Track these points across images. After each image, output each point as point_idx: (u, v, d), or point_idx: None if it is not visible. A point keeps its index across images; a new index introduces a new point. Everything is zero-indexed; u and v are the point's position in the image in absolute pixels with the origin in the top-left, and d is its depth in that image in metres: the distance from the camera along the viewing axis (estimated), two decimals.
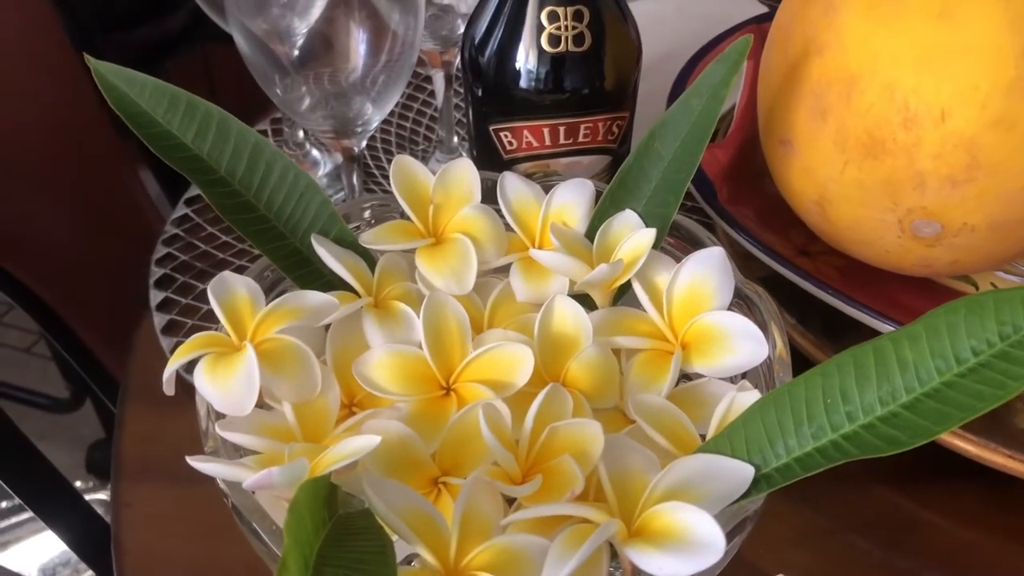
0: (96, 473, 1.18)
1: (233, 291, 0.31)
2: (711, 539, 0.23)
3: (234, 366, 0.28)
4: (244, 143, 0.33)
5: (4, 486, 0.80)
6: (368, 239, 0.34)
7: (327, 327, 0.32)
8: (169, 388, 0.30)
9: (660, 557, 0.23)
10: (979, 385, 0.23)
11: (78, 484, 1.20)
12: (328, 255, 0.32)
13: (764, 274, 0.44)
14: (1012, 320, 0.24)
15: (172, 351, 0.45)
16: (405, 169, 0.35)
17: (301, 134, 0.55)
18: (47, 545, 1.11)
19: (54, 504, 0.82)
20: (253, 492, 0.27)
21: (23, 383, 1.30)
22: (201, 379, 0.28)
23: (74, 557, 1.10)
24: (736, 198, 0.44)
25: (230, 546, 0.37)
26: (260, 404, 0.31)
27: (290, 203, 0.33)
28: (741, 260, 0.45)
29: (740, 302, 0.33)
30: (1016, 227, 0.34)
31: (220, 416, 0.29)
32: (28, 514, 1.12)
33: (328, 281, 0.34)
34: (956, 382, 0.24)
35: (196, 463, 0.26)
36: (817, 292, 0.40)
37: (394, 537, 0.27)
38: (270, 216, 0.33)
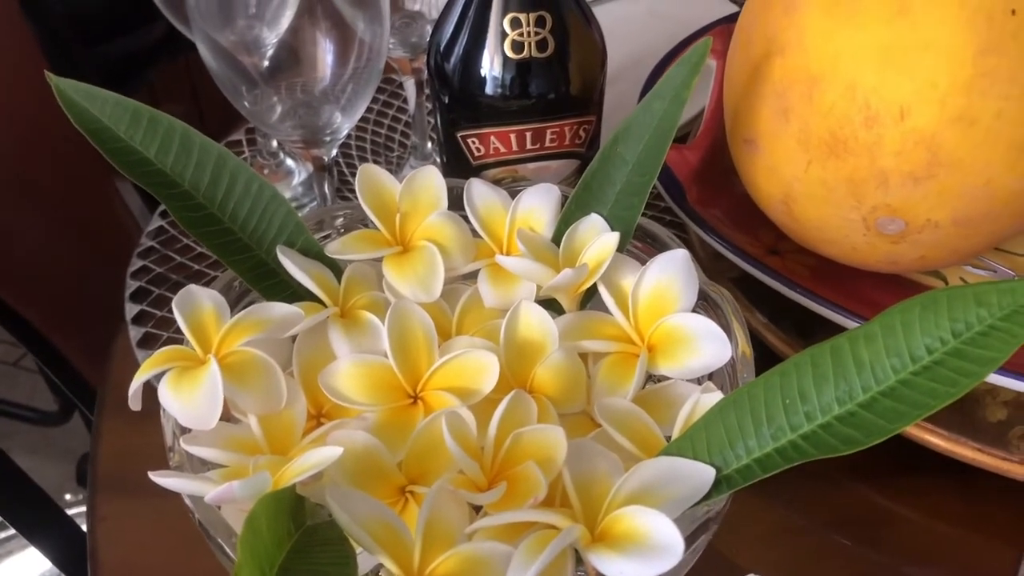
0: (87, 485, 1.17)
1: (198, 304, 0.31)
2: (670, 542, 0.23)
3: (198, 380, 0.28)
4: (207, 156, 0.33)
5: None
6: (334, 249, 0.34)
7: (294, 338, 0.32)
8: (135, 403, 0.30)
9: (621, 561, 0.23)
10: (933, 383, 0.24)
11: (68, 497, 1.20)
12: (293, 266, 0.32)
13: (735, 274, 0.44)
14: (964, 317, 0.24)
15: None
16: (371, 178, 0.35)
17: (275, 143, 0.55)
18: (36, 562, 1.10)
19: (36, 521, 0.82)
20: (218, 507, 0.27)
21: (12, 397, 1.29)
22: (165, 394, 0.28)
23: None
24: (706, 199, 0.44)
25: (206, 559, 0.37)
26: (227, 417, 0.31)
27: (255, 215, 0.34)
28: (712, 261, 0.45)
29: (704, 303, 0.33)
30: (980, 222, 0.35)
31: (186, 430, 0.29)
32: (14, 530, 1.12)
33: (295, 292, 0.34)
34: (911, 380, 0.24)
35: (159, 478, 0.26)
36: (786, 291, 0.40)
37: (360, 549, 0.27)
38: (235, 228, 0.33)
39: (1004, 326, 0.23)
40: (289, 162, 0.56)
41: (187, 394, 0.28)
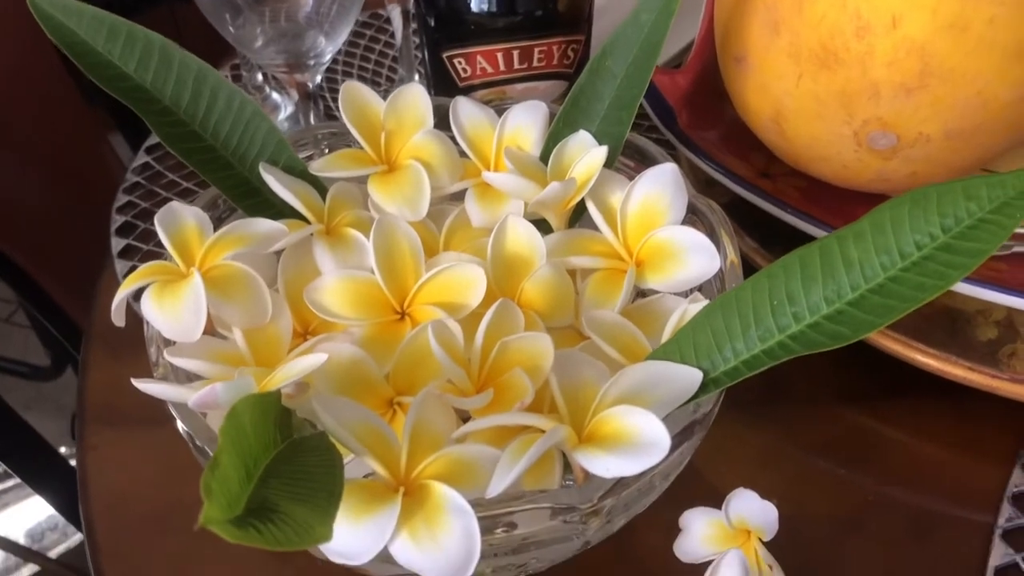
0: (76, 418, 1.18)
1: (181, 220, 0.30)
2: (656, 438, 0.23)
3: (181, 292, 0.28)
4: (187, 71, 0.32)
5: None
6: (318, 167, 0.34)
7: (279, 258, 0.32)
8: (118, 318, 0.29)
9: (607, 459, 0.23)
10: (922, 277, 0.23)
11: (63, 450, 1.20)
12: (277, 183, 0.32)
13: (726, 200, 0.43)
14: (954, 212, 0.24)
15: (134, 297, 0.45)
16: (355, 96, 0.35)
17: (260, 77, 0.55)
18: (34, 511, 1.11)
19: (40, 469, 0.82)
20: (204, 415, 0.27)
21: (5, 353, 1.29)
22: (148, 306, 0.28)
23: (61, 521, 1.11)
24: (697, 123, 0.44)
25: (194, 485, 0.37)
26: (213, 334, 0.31)
27: (237, 131, 0.33)
28: (703, 186, 0.44)
29: (693, 217, 0.32)
30: (972, 135, 0.34)
31: (170, 345, 0.29)
32: (13, 481, 1.13)
33: (279, 211, 0.33)
34: (900, 276, 0.24)
35: (141, 384, 0.26)
36: (778, 212, 0.39)
37: (350, 459, 0.27)
38: (216, 146, 0.33)
39: (993, 219, 0.23)
40: (275, 96, 0.55)
41: (170, 306, 0.28)
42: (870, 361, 0.40)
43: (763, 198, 0.40)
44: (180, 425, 0.27)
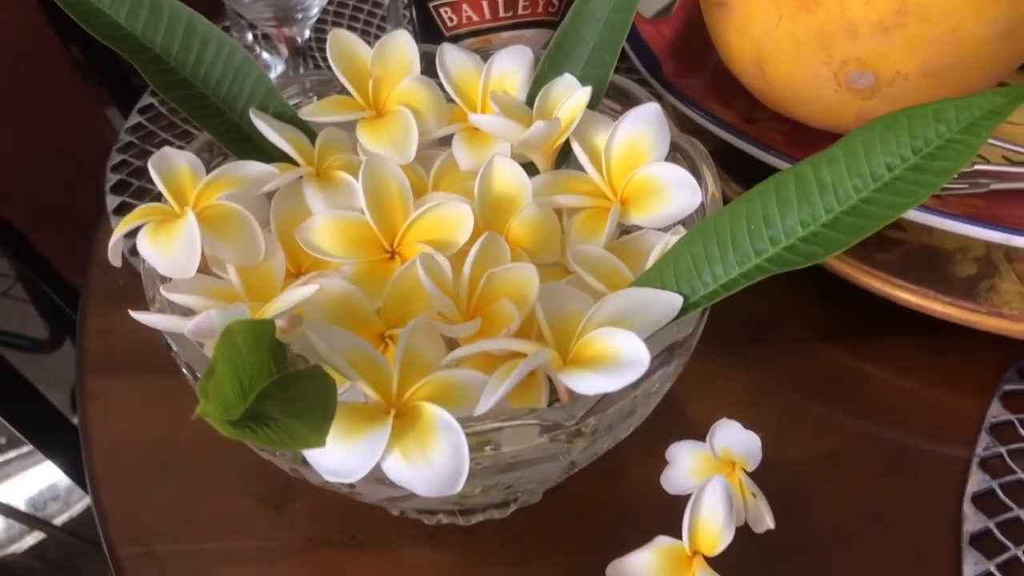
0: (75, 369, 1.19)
1: (174, 164, 0.31)
2: (637, 356, 0.24)
3: (176, 230, 0.29)
4: (177, 19, 0.33)
5: (3, 422, 0.82)
6: (308, 112, 0.34)
7: (271, 201, 0.32)
8: (115, 258, 0.30)
9: (590, 377, 0.24)
10: (892, 197, 0.24)
11: None
12: (267, 127, 0.33)
13: (711, 147, 0.44)
14: (924, 133, 0.24)
15: (130, 250, 0.45)
16: (342, 43, 0.35)
17: (250, 37, 0.55)
18: (37, 480, 1.12)
19: (49, 434, 0.84)
20: (201, 345, 0.28)
21: (4, 327, 1.30)
22: (144, 244, 0.29)
23: (63, 491, 1.12)
24: (681, 71, 0.44)
25: (193, 430, 0.38)
26: (208, 274, 0.31)
27: (227, 78, 0.34)
28: (688, 134, 0.45)
29: (676, 155, 0.33)
30: (950, 73, 0.35)
31: (166, 282, 0.29)
32: (16, 452, 1.14)
33: (271, 157, 0.34)
34: (872, 197, 0.25)
35: (140, 316, 0.27)
36: (762, 156, 0.40)
37: (344, 388, 0.28)
38: (207, 92, 0.33)
39: (961, 138, 0.24)
40: (266, 56, 0.56)
41: (165, 244, 0.29)
42: (853, 300, 0.41)
43: (747, 142, 0.40)
44: (178, 358, 0.28)
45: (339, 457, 0.24)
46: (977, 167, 0.38)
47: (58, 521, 1.07)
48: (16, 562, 1.02)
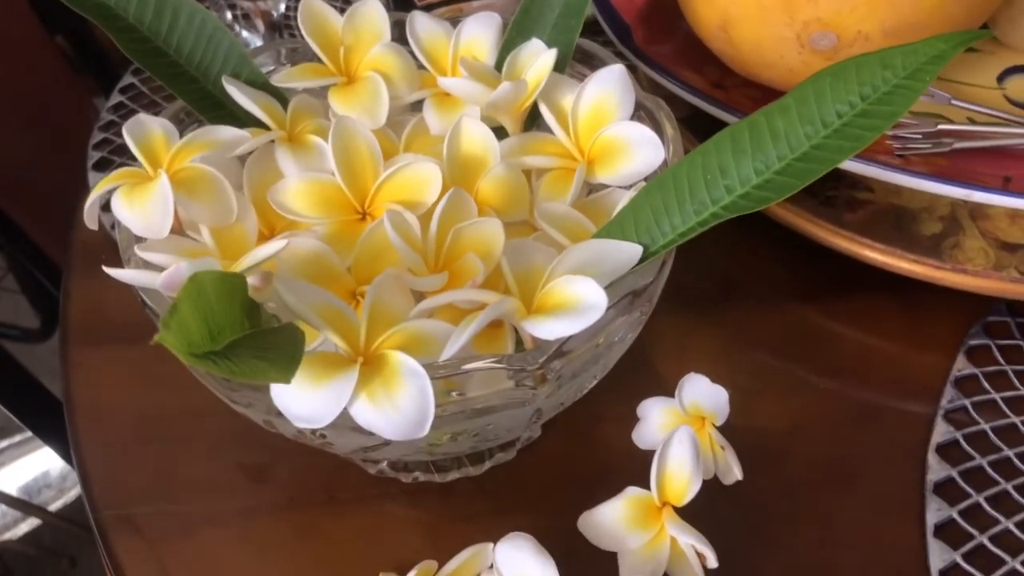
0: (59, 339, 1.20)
1: (148, 129, 0.32)
2: (595, 300, 0.25)
3: (149, 191, 0.29)
4: None
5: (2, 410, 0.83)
6: (280, 79, 0.35)
7: (243, 166, 0.33)
8: (91, 221, 0.31)
9: (550, 323, 0.25)
10: (841, 141, 0.25)
11: None
12: (239, 94, 0.33)
13: (682, 114, 0.45)
14: (871, 81, 0.25)
15: (111, 226, 0.46)
16: (313, 11, 0.36)
17: (229, 15, 0.55)
18: (30, 468, 1.13)
19: (45, 420, 0.85)
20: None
21: None
22: (118, 205, 0.29)
23: (56, 479, 1.13)
24: (652, 39, 0.45)
25: (176, 395, 0.39)
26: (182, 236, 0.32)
27: (200, 47, 0.34)
28: None
29: (641, 115, 0.34)
30: (909, 33, 0.36)
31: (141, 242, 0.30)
32: (8, 441, 1.14)
33: (244, 124, 0.34)
34: (822, 143, 0.25)
35: (113, 272, 0.27)
36: (732, 121, 0.41)
37: (317, 343, 0.28)
38: (181, 61, 0.34)
39: (907, 83, 0.24)
40: (245, 34, 0.56)
41: (139, 205, 0.29)
42: (822, 261, 0.42)
43: (718, 107, 0.41)
44: (152, 314, 0.28)
45: (307, 402, 0.24)
46: (941, 127, 0.39)
47: (52, 508, 1.07)
48: (11, 549, 1.03)
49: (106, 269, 0.27)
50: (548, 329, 0.25)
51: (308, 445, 0.31)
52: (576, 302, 0.25)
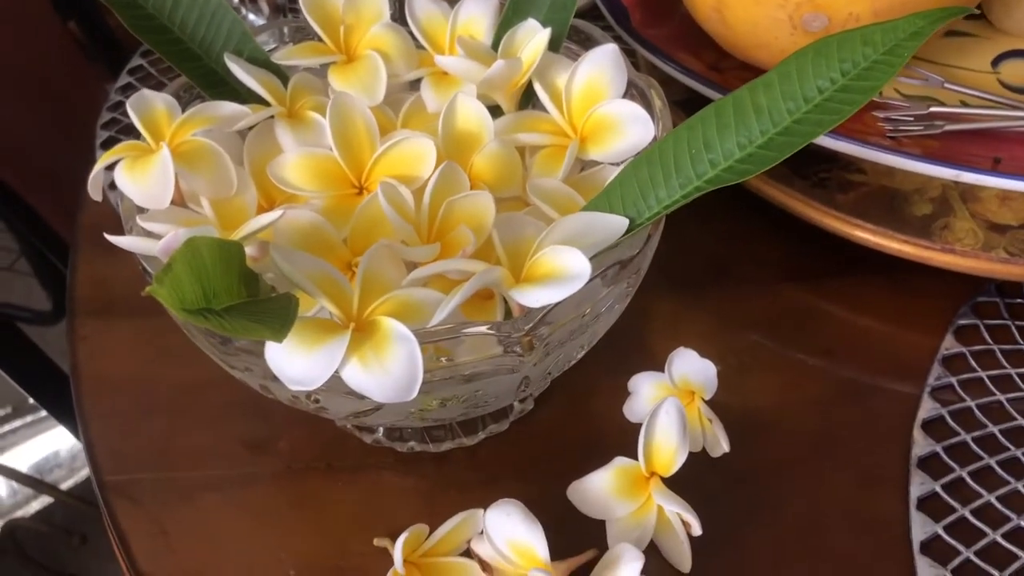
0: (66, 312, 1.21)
1: (151, 104, 0.33)
2: (579, 269, 0.25)
3: (151, 163, 0.30)
4: None
5: (15, 386, 0.84)
6: (281, 56, 0.36)
7: (244, 142, 0.34)
8: (95, 192, 0.32)
9: (536, 291, 0.26)
10: (821, 115, 0.25)
11: None
12: (241, 71, 0.34)
13: (679, 97, 0.46)
14: (851, 57, 0.26)
15: (117, 203, 0.47)
16: None
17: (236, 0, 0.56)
18: (41, 447, 1.14)
19: (58, 399, 0.87)
20: None
21: (9, 300, 1.32)
22: (121, 176, 0.30)
23: (67, 458, 1.15)
24: (649, 22, 0.45)
25: (179, 368, 0.40)
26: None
27: (203, 24, 0.35)
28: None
29: (633, 93, 0.34)
30: (899, 13, 0.35)
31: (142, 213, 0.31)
32: (21, 421, 1.16)
33: (246, 100, 0.35)
34: (803, 118, 0.26)
35: (113, 238, 0.28)
36: None
37: (313, 310, 0.29)
38: (184, 38, 0.35)
39: (885, 59, 0.25)
40: (252, 17, 0.57)
41: (141, 176, 0.30)
42: (814, 241, 0.42)
43: (714, 89, 0.42)
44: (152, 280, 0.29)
45: (300, 364, 0.25)
46: (932, 109, 0.39)
47: (63, 487, 1.09)
48: (23, 526, 1.04)
49: (108, 237, 0.28)
50: (534, 297, 0.26)
51: (306, 414, 0.32)
52: (562, 271, 0.26)
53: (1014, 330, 0.39)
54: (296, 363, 0.25)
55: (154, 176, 0.30)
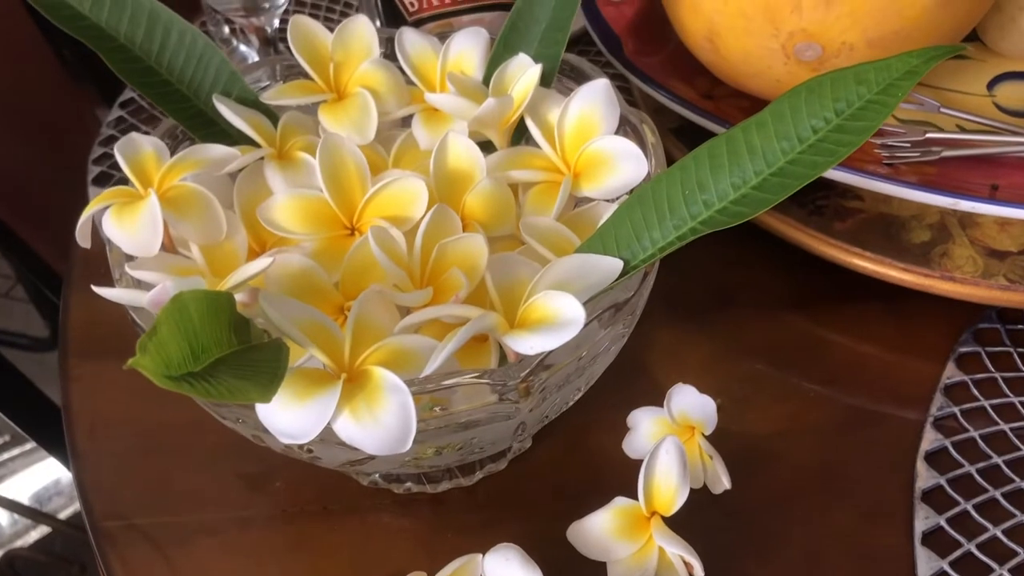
0: (58, 352, 1.21)
1: (139, 148, 0.32)
2: (573, 316, 0.25)
3: (139, 210, 0.30)
4: (140, 10, 0.34)
5: (5, 419, 0.84)
6: (270, 96, 0.35)
7: (234, 184, 0.34)
8: (83, 239, 0.31)
9: (531, 338, 0.25)
10: (815, 157, 0.25)
11: None
12: (229, 112, 0.34)
13: (673, 125, 0.45)
14: (845, 96, 0.25)
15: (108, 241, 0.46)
16: (303, 29, 0.36)
17: (227, 30, 0.56)
18: (40, 477, 1.14)
19: (52, 431, 0.86)
20: None
21: (6, 327, 1.32)
22: (109, 224, 0.30)
23: (67, 487, 1.14)
24: (642, 50, 0.45)
25: (171, 408, 0.40)
26: (174, 253, 0.33)
27: (191, 65, 0.35)
28: (652, 113, 0.46)
29: (626, 128, 0.34)
30: (893, 43, 0.36)
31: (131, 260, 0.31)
32: (19, 449, 1.16)
33: (235, 141, 0.35)
34: (797, 159, 0.26)
35: (100, 290, 0.28)
36: (722, 131, 0.41)
37: (303, 359, 0.29)
38: (172, 80, 0.35)
39: (879, 99, 0.25)
40: (243, 48, 0.57)
41: (129, 223, 0.30)
42: (814, 270, 0.42)
43: (707, 118, 0.41)
44: (142, 332, 0.29)
45: (290, 418, 0.25)
46: (929, 135, 0.39)
47: (62, 516, 1.08)
48: (22, 556, 1.04)
49: (96, 289, 0.28)
50: (528, 344, 0.25)
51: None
52: (556, 317, 0.26)
53: (1016, 357, 0.39)
54: (287, 417, 0.25)
55: (142, 224, 0.30)
